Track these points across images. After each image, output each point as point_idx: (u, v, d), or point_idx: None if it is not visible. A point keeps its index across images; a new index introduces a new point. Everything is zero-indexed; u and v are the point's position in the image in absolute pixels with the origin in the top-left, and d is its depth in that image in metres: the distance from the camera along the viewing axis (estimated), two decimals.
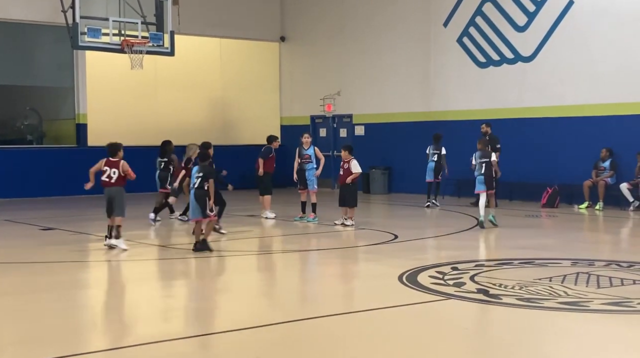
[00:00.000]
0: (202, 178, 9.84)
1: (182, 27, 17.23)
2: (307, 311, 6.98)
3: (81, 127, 20.60)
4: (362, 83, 21.47)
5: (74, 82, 20.46)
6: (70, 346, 5.77)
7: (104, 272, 9.60)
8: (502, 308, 6.90)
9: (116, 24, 15.44)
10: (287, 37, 23.91)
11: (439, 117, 19.42)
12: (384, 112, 20.94)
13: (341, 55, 21.99)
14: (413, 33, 20.06)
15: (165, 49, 16.15)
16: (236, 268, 9.65)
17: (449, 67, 19.31)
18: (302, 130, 23.13)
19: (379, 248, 10.74)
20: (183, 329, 6.36)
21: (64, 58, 20.28)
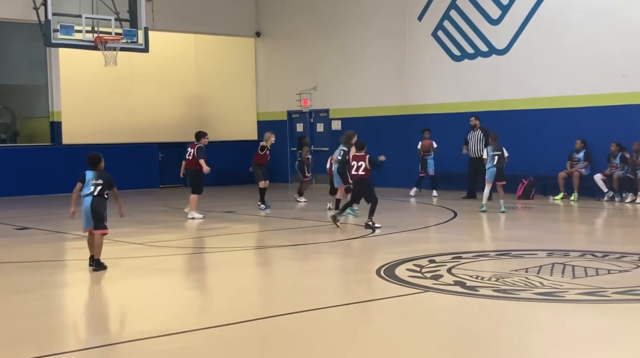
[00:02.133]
0: (102, 186, 8.86)
1: (156, 23, 17.11)
2: (284, 306, 6.98)
3: (55, 125, 20.41)
4: (338, 78, 21.48)
5: (47, 80, 20.26)
6: (46, 346, 5.73)
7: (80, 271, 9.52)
8: (479, 299, 6.96)
9: (89, 21, 15.31)
10: (262, 32, 23.85)
11: (415, 110, 19.50)
12: (360, 106, 20.98)
13: (317, 50, 21.98)
14: (388, 27, 20.10)
15: (140, 45, 16.04)
16: (213, 265, 9.63)
17: (424, 61, 19.38)
18: (279, 125, 23.20)
19: (357, 242, 10.77)
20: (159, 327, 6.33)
21: (37, 56, 20.06)
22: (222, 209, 15.44)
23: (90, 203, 8.80)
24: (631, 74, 15.66)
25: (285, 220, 13.54)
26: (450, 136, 17.76)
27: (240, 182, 22.13)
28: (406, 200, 16.63)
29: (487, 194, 13.75)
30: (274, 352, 5.48)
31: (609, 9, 16.02)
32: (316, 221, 13.24)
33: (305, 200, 16.48)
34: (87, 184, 8.90)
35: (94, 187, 8.86)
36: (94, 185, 8.88)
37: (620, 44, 15.81)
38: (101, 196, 8.84)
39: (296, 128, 23.06)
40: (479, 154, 15.82)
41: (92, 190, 8.84)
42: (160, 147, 21.84)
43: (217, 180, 22.04)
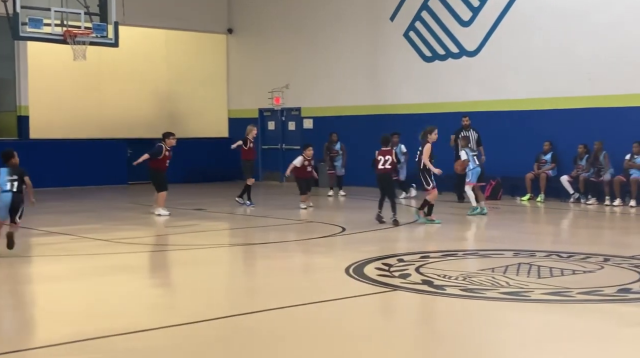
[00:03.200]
0: (18, 181, 9.17)
1: (126, 18, 16.94)
2: (251, 305, 6.97)
3: (22, 119, 20.12)
4: (310, 76, 21.49)
5: (15, 74, 19.96)
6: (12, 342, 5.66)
7: (47, 266, 9.42)
8: (447, 298, 7.02)
9: (58, 14, 15.11)
10: (234, 29, 23.76)
11: (387, 110, 19.59)
12: (332, 105, 21.02)
13: (289, 48, 21.96)
14: (360, 27, 20.16)
15: (109, 40, 15.88)
16: (180, 263, 9.58)
17: (395, 61, 19.48)
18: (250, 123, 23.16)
19: (326, 241, 10.79)
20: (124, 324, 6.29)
21: (5, 49, 19.76)
22: (191, 206, 15.35)
23: (10, 199, 9.16)
24: (597, 77, 15.90)
25: (255, 218, 13.52)
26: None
27: (211, 179, 22.05)
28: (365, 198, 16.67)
29: (473, 195, 13.67)
30: (239, 351, 5.47)
31: (578, 13, 16.25)
32: (286, 219, 13.24)
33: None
34: (3, 181, 9.14)
35: (10, 184, 9.14)
36: (9, 181, 9.15)
37: (587, 47, 16.04)
38: (20, 192, 9.18)
39: (267, 126, 23.03)
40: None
41: (10, 187, 9.12)
42: (129, 144, 21.64)
43: (188, 178, 21.92)
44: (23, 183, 9.24)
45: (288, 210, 14.61)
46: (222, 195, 17.66)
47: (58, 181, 19.69)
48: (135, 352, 5.43)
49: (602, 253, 9.33)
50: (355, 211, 14.83)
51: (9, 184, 9.14)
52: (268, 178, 22.80)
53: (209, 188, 20.28)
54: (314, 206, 14.93)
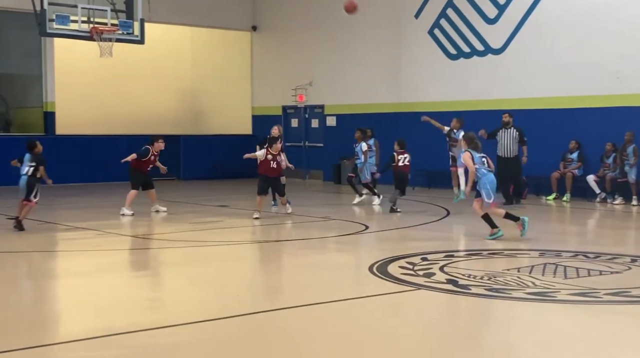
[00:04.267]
0: (34, 167, 11.10)
1: (152, 15, 17.05)
2: (275, 302, 6.97)
3: (49, 115, 20.32)
4: (333, 74, 21.46)
5: (42, 70, 20.16)
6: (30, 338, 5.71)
7: (72, 261, 9.50)
8: (471, 298, 6.97)
9: (85, 11, 15.23)
10: (258, 26, 23.79)
11: (409, 108, 19.51)
12: (355, 103, 20.97)
13: (313, 46, 21.95)
14: (384, 24, 20.09)
15: (135, 37, 15.98)
16: (204, 259, 9.61)
17: (419, 59, 19.39)
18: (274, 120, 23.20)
19: (350, 238, 10.77)
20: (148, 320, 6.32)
21: (32, 45, 19.97)
22: (215, 203, 15.41)
23: (25, 181, 11.12)
24: (625, 76, 15.70)
25: (278, 216, 13.53)
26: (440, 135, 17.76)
27: (234, 176, 22.11)
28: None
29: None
30: (262, 348, 5.47)
31: (605, 10, 16.05)
32: (308, 216, 13.23)
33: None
34: (24, 165, 11.15)
35: (27, 168, 11.12)
36: (28, 166, 11.12)
37: (615, 45, 15.84)
38: (34, 176, 11.11)
39: (291, 123, 23.05)
40: (511, 153, 14.85)
41: (27, 171, 11.10)
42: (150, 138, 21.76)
43: (212, 174, 22.02)
44: (37, 170, 11.02)
45: (310, 207, 14.60)
46: (246, 191, 17.68)
47: (83, 177, 19.87)
48: (158, 348, 5.45)
49: (629, 254, 9.21)
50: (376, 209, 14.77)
51: (27, 169, 11.07)
52: (291, 175, 22.80)
53: (233, 185, 20.34)
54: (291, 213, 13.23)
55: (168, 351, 5.39)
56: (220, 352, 5.38)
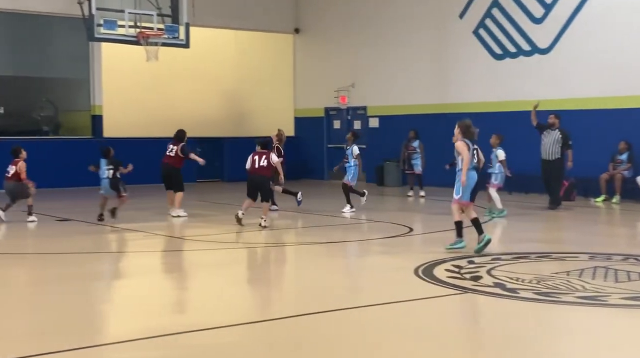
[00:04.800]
0: (113, 169, 12.41)
1: (197, 19, 17.23)
2: (319, 305, 6.96)
3: (96, 118, 20.67)
4: (376, 75, 21.40)
5: (89, 74, 20.52)
6: (83, 338, 5.79)
7: (120, 262, 9.64)
8: (520, 302, 6.85)
9: (132, 16, 15.46)
10: (301, 28, 23.85)
11: (455, 109, 19.32)
12: (398, 104, 20.87)
13: (355, 47, 21.91)
14: (428, 24, 19.96)
15: (181, 40, 16.17)
16: (249, 260, 9.66)
17: (464, 59, 19.21)
18: (316, 122, 23.20)
19: (394, 241, 10.70)
20: (195, 321, 6.36)
21: (80, 50, 20.34)
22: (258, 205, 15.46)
23: (108, 183, 12.41)
24: None
25: (322, 217, 13.52)
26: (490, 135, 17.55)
27: None
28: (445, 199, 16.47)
29: (498, 198, 13.04)
30: (306, 352, 5.46)
31: None
32: (352, 218, 13.19)
33: None
34: (102, 169, 12.42)
35: (107, 172, 12.40)
36: (107, 170, 12.40)
37: None
38: (114, 177, 12.40)
39: (333, 125, 23.04)
40: (552, 155, 14.34)
41: (107, 174, 12.38)
42: (198, 142, 21.98)
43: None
44: (117, 170, 12.39)
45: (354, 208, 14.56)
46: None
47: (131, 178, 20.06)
48: (205, 349, 5.48)
49: None
50: (420, 211, 14.68)
51: (107, 172, 12.38)
52: (334, 177, 22.81)
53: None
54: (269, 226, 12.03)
55: (214, 352, 5.41)
56: (265, 354, 5.38)
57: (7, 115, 20.24)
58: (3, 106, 20.07)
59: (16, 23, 20.23)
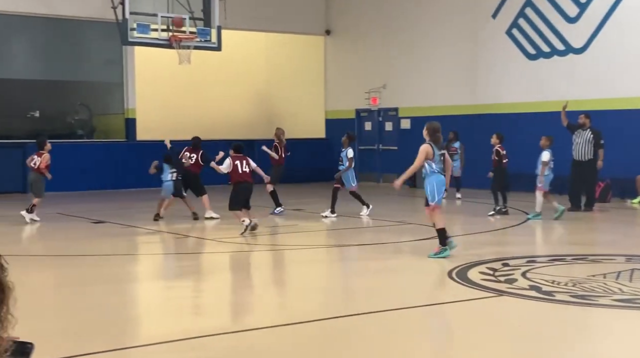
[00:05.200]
0: (176, 172, 13.08)
1: (228, 22, 17.29)
2: (352, 307, 6.94)
3: (130, 121, 20.88)
4: (408, 76, 21.30)
5: (123, 78, 20.75)
6: (116, 340, 5.84)
7: (154, 264, 9.72)
8: (556, 305, 6.76)
9: (164, 20, 15.57)
10: (332, 30, 23.84)
11: (487, 110, 19.17)
12: (430, 105, 20.75)
13: (387, 48, 21.84)
14: (460, 25, 19.82)
15: (213, 44, 16.24)
16: (279, 263, 9.67)
17: (497, 59, 19.03)
18: (347, 124, 23.14)
19: (427, 243, 10.63)
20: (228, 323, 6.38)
21: (114, 53, 20.58)
22: (289, 207, 15.49)
23: (172, 185, 13.10)
24: None
25: (353, 219, 13.49)
26: (523, 136, 17.38)
27: (308, 180, 22.21)
28: (476, 201, 16.34)
29: (541, 201, 12.75)
30: (340, 354, 5.44)
31: None
32: (383, 220, 13.14)
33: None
34: (166, 174, 13.10)
35: (170, 175, 13.11)
36: (170, 173, 13.13)
37: None
38: (177, 180, 13.13)
39: (364, 126, 22.99)
40: (585, 156, 14.04)
41: (170, 177, 13.11)
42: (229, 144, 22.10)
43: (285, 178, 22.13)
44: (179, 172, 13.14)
45: (385, 211, 14.50)
46: (320, 195, 17.72)
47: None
48: (237, 351, 5.49)
49: None
50: (454, 213, 14.57)
51: (170, 175, 13.08)
52: (364, 179, 22.76)
53: (306, 188, 20.42)
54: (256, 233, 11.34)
55: (247, 355, 5.42)
56: (299, 357, 5.38)
57: (42, 119, 20.55)
58: (38, 110, 20.38)
59: (51, 28, 20.53)
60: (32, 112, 20.26)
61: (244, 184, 11.41)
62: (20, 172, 18.78)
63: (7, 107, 20.28)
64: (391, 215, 13.79)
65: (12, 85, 20.41)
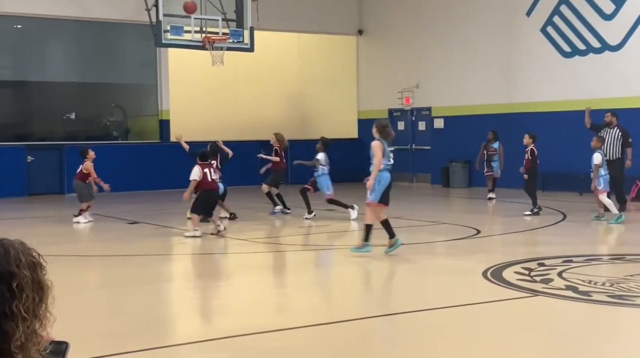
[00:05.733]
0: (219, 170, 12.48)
1: (260, 23, 17.35)
2: (386, 307, 6.91)
3: (164, 123, 21.07)
4: (441, 75, 21.17)
5: (156, 79, 20.95)
6: (152, 339, 5.89)
7: (187, 264, 9.79)
8: (593, 305, 6.66)
9: (198, 21, 15.67)
10: (364, 30, 23.80)
11: (521, 108, 18.98)
12: (463, 104, 20.60)
13: (419, 47, 21.74)
14: (494, 23, 19.64)
15: (245, 45, 16.29)
16: (314, 263, 9.66)
17: (531, 57, 18.83)
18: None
19: (461, 243, 10.56)
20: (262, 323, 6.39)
21: (147, 55, 20.79)
22: (322, 207, 15.49)
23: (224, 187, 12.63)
24: None
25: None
26: (558, 135, 17.18)
27: (340, 180, 22.16)
28: (513, 201, 16.17)
29: (611, 202, 12.29)
30: (373, 354, 5.42)
31: None
32: (417, 221, 13.08)
33: None
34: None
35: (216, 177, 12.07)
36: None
37: None
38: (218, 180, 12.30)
39: (397, 126, 22.89)
40: (614, 155, 13.60)
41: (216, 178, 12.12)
42: (262, 145, 22.18)
43: None
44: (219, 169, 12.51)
45: (419, 211, 14.43)
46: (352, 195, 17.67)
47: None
48: (272, 351, 5.50)
49: None
50: (488, 213, 14.44)
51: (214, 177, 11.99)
52: (397, 179, 22.67)
53: (339, 188, 20.36)
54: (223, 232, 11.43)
55: (281, 354, 5.43)
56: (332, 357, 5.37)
57: (78, 121, 20.85)
58: (74, 112, 20.67)
59: (86, 31, 20.81)
60: (68, 114, 20.56)
61: (211, 192, 11.30)
62: (58, 173, 19.09)
63: (45, 110, 20.62)
64: (425, 215, 13.72)
65: (49, 88, 20.75)
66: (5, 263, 1.77)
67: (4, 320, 1.73)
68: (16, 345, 1.73)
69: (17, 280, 1.76)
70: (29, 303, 1.78)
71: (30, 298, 1.78)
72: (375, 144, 9.04)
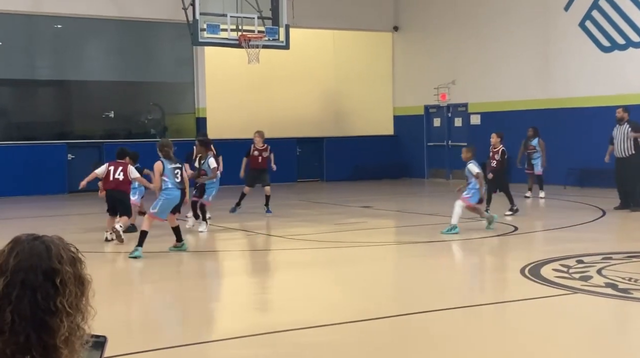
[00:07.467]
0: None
1: (296, 21, 17.42)
2: (424, 304, 6.89)
3: (201, 120, 21.26)
4: (477, 71, 20.99)
5: (193, 77, 21.14)
6: (192, 334, 5.96)
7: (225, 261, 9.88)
8: (634, 303, 6.56)
9: (234, 20, 15.77)
10: (400, 26, 23.70)
11: (560, 104, 18.73)
12: (500, 100, 20.40)
13: (456, 43, 21.57)
14: (531, 18, 19.41)
15: (281, 42, 16.37)
16: (349, 260, 9.67)
17: (569, 52, 18.56)
18: (416, 120, 22.98)
19: (499, 240, 10.47)
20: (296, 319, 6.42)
21: (184, 54, 20.99)
22: (358, 204, 15.49)
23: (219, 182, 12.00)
24: None
25: (421, 216, 13.39)
26: (597, 130, 16.89)
27: (377, 177, 22.14)
28: (550, 197, 15.98)
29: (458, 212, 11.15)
30: (408, 352, 5.41)
31: None
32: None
33: None
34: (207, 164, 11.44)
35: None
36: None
37: None
38: None
39: (433, 123, 22.78)
40: (624, 152, 13.26)
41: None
42: (298, 142, 22.27)
43: (354, 175, 22.18)
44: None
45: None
46: (388, 192, 17.69)
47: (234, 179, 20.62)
48: (304, 347, 5.53)
49: None
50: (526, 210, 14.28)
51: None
52: (434, 175, 22.57)
53: (375, 185, 20.37)
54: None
55: (314, 351, 5.45)
56: (365, 354, 5.38)
57: (117, 119, 21.15)
58: (113, 110, 20.97)
59: (124, 30, 21.08)
60: (107, 112, 20.86)
61: (111, 192, 10.49)
62: None
63: (84, 108, 20.95)
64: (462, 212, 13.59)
65: (88, 87, 21.08)
66: (47, 260, 1.80)
67: (50, 317, 1.76)
68: (61, 340, 1.77)
69: (60, 276, 1.80)
70: (72, 298, 1.81)
71: (73, 294, 1.82)
72: (155, 166, 9.41)
